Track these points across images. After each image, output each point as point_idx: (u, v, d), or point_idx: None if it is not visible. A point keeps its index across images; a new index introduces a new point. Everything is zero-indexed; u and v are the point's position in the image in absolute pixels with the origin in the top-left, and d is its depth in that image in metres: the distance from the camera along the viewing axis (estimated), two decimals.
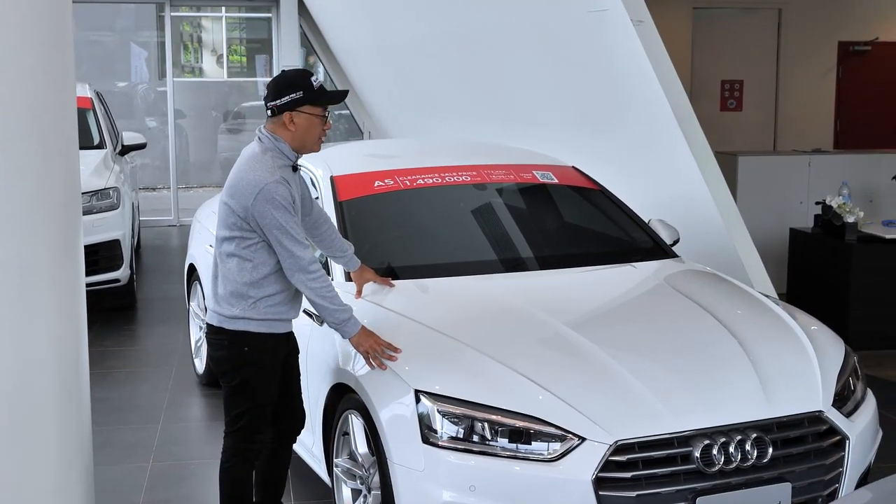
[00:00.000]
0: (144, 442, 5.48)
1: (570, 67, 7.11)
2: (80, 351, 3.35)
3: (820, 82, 11.54)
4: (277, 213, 3.68)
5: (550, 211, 5.22)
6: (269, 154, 3.78)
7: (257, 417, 3.92)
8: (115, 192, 8.19)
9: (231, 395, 3.92)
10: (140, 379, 6.66)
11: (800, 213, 8.78)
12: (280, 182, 3.71)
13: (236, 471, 3.96)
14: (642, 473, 3.38)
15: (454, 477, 3.44)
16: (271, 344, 3.90)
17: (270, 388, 3.94)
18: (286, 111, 3.77)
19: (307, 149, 3.87)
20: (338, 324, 3.80)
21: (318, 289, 3.75)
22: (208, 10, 17.52)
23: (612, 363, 3.67)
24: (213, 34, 18.36)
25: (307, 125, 3.79)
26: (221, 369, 3.94)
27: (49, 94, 3.04)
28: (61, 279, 3.15)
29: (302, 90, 3.76)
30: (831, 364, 3.90)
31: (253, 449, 3.95)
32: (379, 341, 3.80)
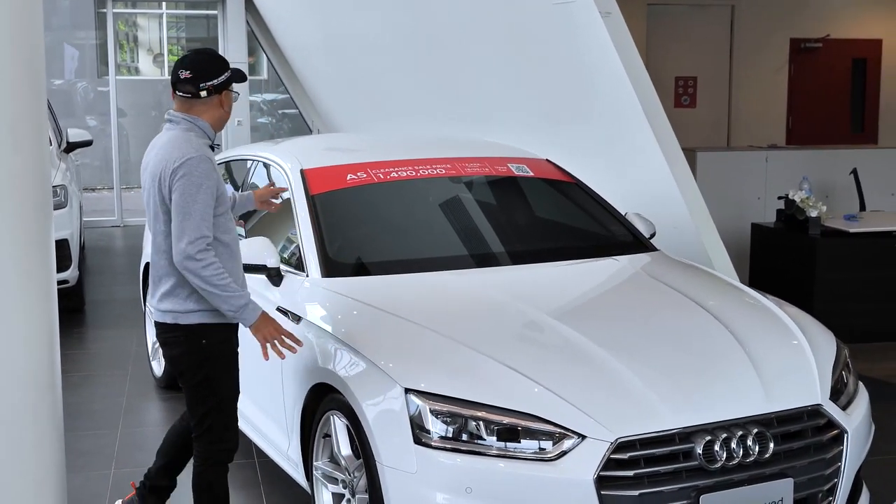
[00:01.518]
0: (104, 449, 5.25)
1: (536, 62, 6.99)
2: (52, 352, 3.15)
3: (772, 79, 11.60)
4: (193, 189, 3.53)
5: (528, 204, 5.09)
6: (191, 133, 3.68)
7: (224, 413, 3.78)
8: (63, 190, 7.92)
9: (194, 394, 3.76)
10: (94, 383, 6.42)
11: (758, 208, 8.79)
12: (203, 159, 3.58)
13: (210, 474, 3.79)
14: (644, 471, 3.26)
15: (449, 478, 3.29)
16: (227, 334, 3.75)
17: (232, 379, 3.81)
18: (223, 90, 3.73)
19: (222, 126, 3.82)
20: (235, 311, 3.59)
21: (208, 277, 3.52)
22: (149, 7, 17.17)
23: (608, 358, 3.54)
24: (152, 33, 18.02)
25: (229, 104, 3.80)
26: (180, 367, 3.77)
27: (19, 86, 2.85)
28: (32, 277, 2.96)
29: (228, 69, 3.77)
30: (825, 357, 3.83)
31: (225, 448, 3.80)
32: (279, 328, 3.67)
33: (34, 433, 2.98)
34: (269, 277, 4.39)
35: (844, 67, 11.96)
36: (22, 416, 2.91)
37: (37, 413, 3.00)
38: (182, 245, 3.50)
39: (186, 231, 3.50)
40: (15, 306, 2.86)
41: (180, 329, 3.69)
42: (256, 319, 3.62)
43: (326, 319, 4.03)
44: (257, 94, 17.09)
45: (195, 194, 3.52)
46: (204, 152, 3.61)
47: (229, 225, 3.72)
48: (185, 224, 3.51)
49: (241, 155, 5.68)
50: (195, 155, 3.57)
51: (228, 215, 3.74)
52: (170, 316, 3.70)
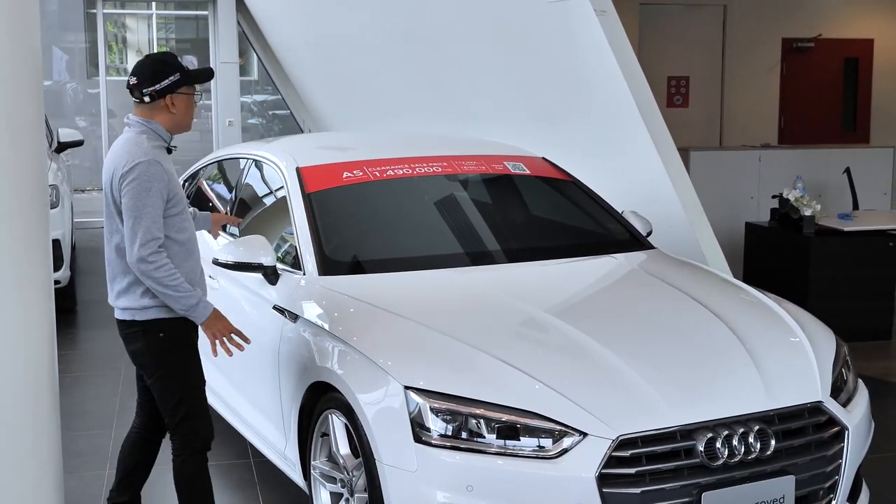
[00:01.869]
0: (99, 449, 5.21)
1: (530, 60, 6.97)
2: (50, 351, 3.12)
3: (764, 78, 11.61)
4: (142, 193, 3.60)
5: (525, 202, 5.07)
6: (143, 136, 3.73)
7: (194, 403, 3.81)
8: (55, 190, 7.87)
9: (160, 387, 3.81)
10: (87, 384, 6.38)
11: (751, 207, 8.80)
12: (152, 163, 3.64)
13: (191, 467, 3.82)
14: (646, 469, 3.24)
15: (449, 477, 3.26)
16: (184, 326, 3.78)
17: (196, 369, 3.84)
18: (167, 94, 3.75)
19: (182, 129, 3.86)
20: (187, 309, 3.67)
21: (161, 278, 3.60)
22: (140, 8, 17.11)
23: (609, 355, 3.52)
24: (141, 34, 17.95)
25: (185, 106, 3.80)
26: (141, 362, 3.84)
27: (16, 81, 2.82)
28: (30, 276, 2.92)
29: (178, 72, 3.77)
30: (825, 354, 3.81)
31: (201, 437, 3.82)
32: (229, 326, 3.74)
33: (32, 433, 2.95)
34: (265, 276, 4.36)
35: (836, 67, 11.98)
36: (20, 416, 2.88)
37: (35, 413, 2.96)
38: (135, 248, 3.59)
39: (138, 234, 3.58)
40: (13, 305, 2.83)
41: (137, 325, 3.75)
42: (207, 317, 3.70)
43: (324, 317, 4.00)
44: (247, 96, 17.04)
45: (144, 198, 3.60)
46: (154, 156, 3.67)
47: (184, 224, 3.78)
48: (136, 227, 3.59)
49: (235, 154, 5.65)
50: (143, 159, 3.64)
51: (184, 215, 3.79)
52: (127, 313, 3.77)
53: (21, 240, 2.89)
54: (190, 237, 3.81)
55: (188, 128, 3.87)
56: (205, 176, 5.93)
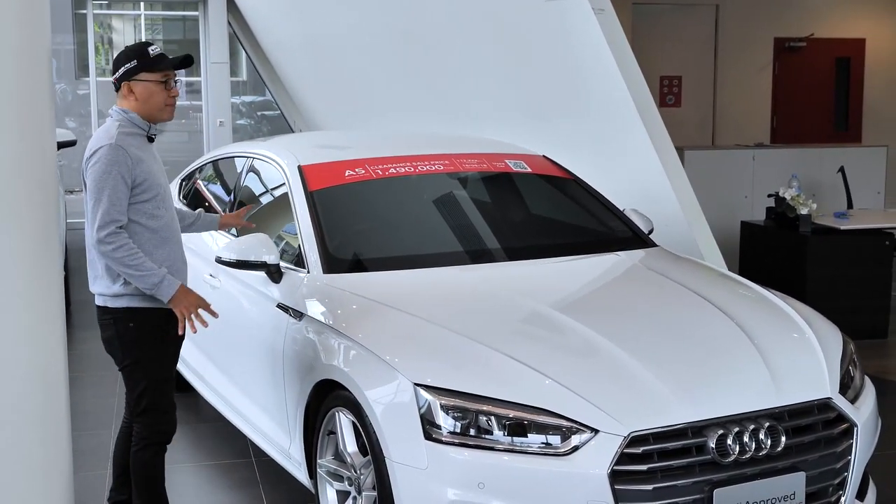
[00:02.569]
0: (98, 449, 5.18)
1: (527, 58, 6.96)
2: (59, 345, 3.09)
3: (757, 78, 11.63)
4: (102, 175, 3.63)
5: (527, 200, 5.06)
6: (115, 124, 3.76)
7: (158, 395, 3.82)
8: None
9: (127, 376, 3.84)
10: (84, 384, 6.34)
11: (745, 206, 8.81)
12: (115, 147, 3.66)
13: (147, 454, 3.85)
14: (658, 466, 3.23)
15: (460, 474, 3.25)
16: (157, 318, 3.76)
17: (164, 363, 3.85)
18: (124, 81, 3.78)
19: (155, 117, 3.82)
20: (150, 288, 3.66)
21: (121, 258, 3.62)
22: (131, 9, 17.05)
23: (618, 352, 3.51)
24: (128, 35, 17.88)
25: (147, 92, 3.77)
26: (111, 349, 3.87)
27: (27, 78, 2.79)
28: (40, 268, 2.90)
29: (135, 59, 3.78)
30: (833, 351, 3.81)
31: (161, 430, 3.85)
32: (196, 300, 3.72)
33: (41, 429, 2.92)
34: (268, 274, 4.34)
35: (828, 66, 12.01)
36: (29, 411, 2.85)
37: (44, 408, 2.93)
38: (94, 229, 3.63)
39: (97, 216, 3.62)
40: (23, 301, 2.80)
41: (110, 312, 3.78)
42: (174, 294, 3.67)
43: (329, 315, 3.98)
44: (236, 97, 16.99)
45: (105, 180, 3.62)
46: (120, 141, 3.68)
47: (157, 212, 3.77)
48: (95, 209, 3.63)
49: (233, 153, 5.63)
50: (106, 143, 3.67)
51: (158, 202, 3.77)
52: (101, 299, 3.81)
53: (31, 236, 2.86)
54: (164, 225, 3.80)
55: (161, 115, 3.81)
56: (203, 175, 5.90)
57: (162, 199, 3.80)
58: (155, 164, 3.81)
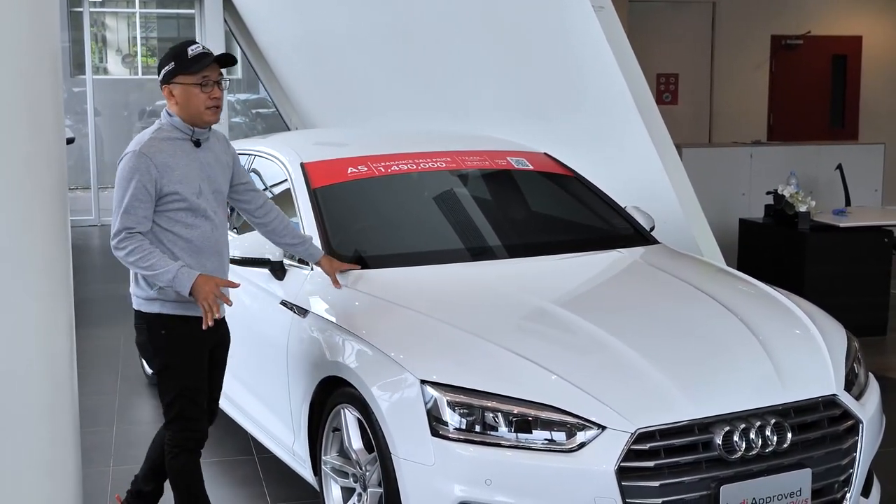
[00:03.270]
0: (101, 446, 5.17)
1: (526, 56, 6.95)
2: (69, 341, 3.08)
3: (753, 75, 11.64)
4: (122, 183, 3.60)
5: (529, 197, 5.06)
6: (155, 128, 3.71)
7: (189, 403, 3.76)
8: None
9: (159, 381, 3.81)
10: (85, 381, 6.21)
11: (742, 204, 8.81)
12: (139, 154, 3.59)
13: (180, 461, 3.80)
14: (664, 462, 3.23)
15: (467, 470, 3.25)
16: (190, 327, 3.69)
17: (194, 372, 3.76)
18: (165, 85, 3.71)
19: (196, 120, 3.70)
20: (168, 285, 3.59)
21: (135, 261, 3.58)
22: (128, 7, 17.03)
23: (624, 348, 3.51)
24: (121, 33, 17.85)
25: (185, 95, 3.68)
26: (145, 355, 3.87)
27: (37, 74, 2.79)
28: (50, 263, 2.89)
29: (174, 61, 3.69)
30: (838, 347, 3.82)
31: (192, 438, 3.80)
32: (214, 287, 3.60)
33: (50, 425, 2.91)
34: (272, 271, 4.35)
35: (825, 64, 12.03)
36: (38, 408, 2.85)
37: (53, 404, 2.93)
38: (111, 237, 3.61)
39: (115, 223, 3.60)
40: (33, 296, 2.79)
41: (143, 317, 3.75)
42: (193, 284, 3.58)
43: (333, 312, 3.98)
44: (231, 94, 16.98)
45: (125, 188, 3.59)
46: (146, 149, 3.60)
47: (191, 221, 3.68)
48: (113, 217, 3.61)
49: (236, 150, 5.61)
50: (131, 150, 3.63)
51: (192, 212, 3.67)
52: (136, 302, 3.78)
53: (42, 234, 2.85)
54: (200, 235, 3.69)
55: (206, 118, 3.69)
56: None
57: (199, 209, 3.67)
58: (199, 171, 3.68)
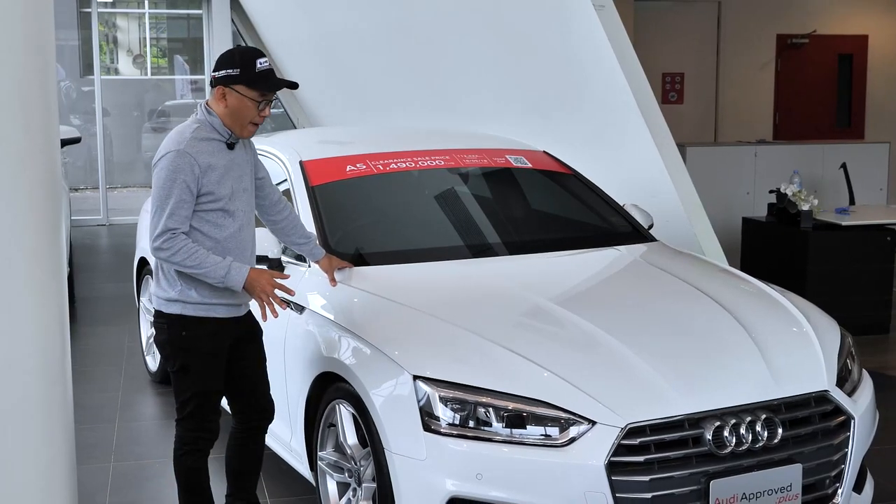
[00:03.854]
0: (102, 442, 5.21)
1: (526, 55, 6.98)
2: (63, 340, 3.11)
3: (759, 75, 11.63)
4: (167, 183, 3.54)
5: (528, 195, 5.09)
6: (194, 126, 3.65)
7: (203, 404, 3.77)
8: None
9: (175, 380, 3.80)
10: (88, 379, 6.36)
11: (746, 202, 8.82)
12: (183, 153, 3.56)
13: (189, 460, 3.81)
14: (655, 457, 3.26)
15: (459, 465, 3.28)
16: (210, 329, 3.71)
17: (212, 374, 3.77)
18: (220, 85, 3.64)
19: (236, 129, 3.68)
20: (220, 281, 3.59)
21: (181, 262, 3.56)
22: (135, 7, 17.11)
23: (616, 344, 3.54)
24: (132, 33, 17.93)
25: (238, 105, 3.64)
26: (164, 353, 3.84)
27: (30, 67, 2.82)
28: (43, 263, 2.92)
29: (240, 68, 3.61)
30: (830, 344, 3.83)
31: (203, 437, 3.81)
32: (269, 281, 3.63)
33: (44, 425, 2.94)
34: (270, 268, 4.36)
35: (831, 63, 12.02)
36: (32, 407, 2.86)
37: (47, 403, 2.95)
38: (153, 238, 3.57)
39: (157, 224, 3.56)
40: (25, 295, 2.82)
41: (164, 317, 3.74)
42: (245, 280, 3.60)
43: (329, 309, 4.02)
44: None
45: (169, 188, 3.55)
46: (189, 148, 3.57)
47: (222, 221, 3.67)
48: (156, 217, 3.57)
49: None
50: (174, 149, 3.58)
51: (224, 212, 3.66)
52: (157, 302, 3.77)
53: (36, 232, 2.87)
54: (230, 236, 3.68)
55: (243, 133, 3.68)
56: None
57: (230, 209, 3.67)
58: (231, 171, 3.68)
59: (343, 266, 4.16)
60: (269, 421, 4.00)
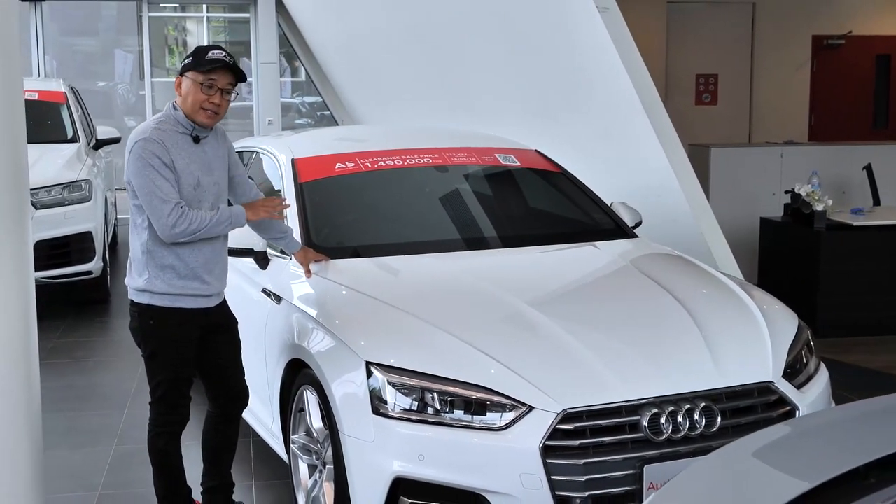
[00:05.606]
0: (108, 427, 5.47)
1: (534, 56, 7.13)
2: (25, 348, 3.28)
3: (794, 76, 11.59)
4: (146, 170, 3.74)
5: (511, 192, 5.24)
6: (157, 120, 3.87)
7: (172, 389, 3.97)
8: (87, 184, 8.19)
9: (147, 365, 4.02)
10: (108, 368, 6.65)
11: (772, 203, 8.82)
12: (149, 140, 3.76)
13: (160, 441, 4.01)
14: (590, 441, 3.39)
15: (404, 447, 3.44)
16: (177, 319, 3.90)
17: (180, 362, 3.96)
18: (178, 76, 3.91)
19: (192, 116, 3.86)
20: (229, 225, 3.93)
21: (196, 231, 3.78)
22: (188, 11, 17.51)
23: (564, 335, 3.67)
24: (194, 36, 18.35)
25: (188, 90, 3.86)
26: (136, 340, 4.06)
27: None
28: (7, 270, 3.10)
29: (192, 57, 3.88)
30: (782, 337, 3.91)
31: (172, 420, 4.00)
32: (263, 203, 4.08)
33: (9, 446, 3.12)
34: (256, 261, 4.58)
35: (867, 64, 11.92)
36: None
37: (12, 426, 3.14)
38: (164, 222, 3.74)
39: (161, 211, 3.73)
40: None
41: (135, 306, 3.95)
42: (247, 216, 3.99)
43: (303, 300, 4.21)
44: (297, 97, 17.38)
45: (149, 174, 3.74)
46: (150, 134, 3.77)
47: None
48: (150, 201, 3.75)
49: (244, 147, 5.87)
50: (141, 137, 3.79)
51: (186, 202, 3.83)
52: (129, 291, 3.98)
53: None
54: None
55: (196, 116, 3.83)
56: None
57: (192, 199, 3.83)
58: (195, 163, 3.84)
59: (319, 259, 4.35)
60: (242, 407, 4.21)
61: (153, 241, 3.84)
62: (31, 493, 3.28)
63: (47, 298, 8.53)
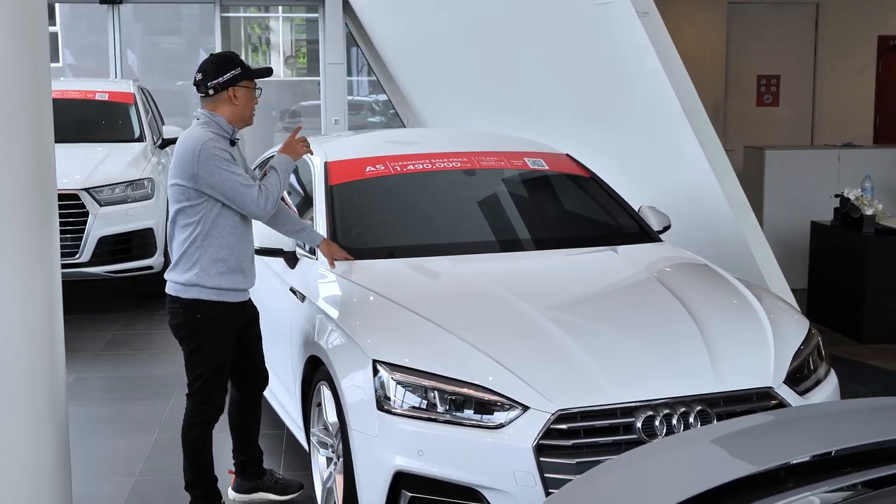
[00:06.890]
0: (153, 416, 5.71)
1: (578, 62, 7.21)
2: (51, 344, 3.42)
3: (858, 77, 11.42)
4: (222, 165, 4.04)
5: (537, 196, 5.34)
6: (205, 127, 4.14)
7: (212, 381, 4.23)
8: (150, 182, 8.50)
9: (188, 360, 4.26)
10: (162, 360, 6.90)
11: (828, 207, 8.73)
12: (215, 139, 4.08)
13: (195, 431, 4.26)
14: (583, 442, 3.50)
15: (406, 442, 3.59)
16: (223, 312, 4.17)
17: (223, 353, 4.24)
18: (229, 87, 4.15)
19: (245, 121, 4.25)
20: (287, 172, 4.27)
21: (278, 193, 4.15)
22: (260, 11, 17.88)
23: (566, 338, 3.78)
24: (270, 35, 18.71)
25: (246, 98, 4.20)
26: (178, 335, 4.28)
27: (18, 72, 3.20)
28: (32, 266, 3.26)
29: (239, 67, 4.18)
30: (788, 343, 3.96)
31: (209, 411, 4.25)
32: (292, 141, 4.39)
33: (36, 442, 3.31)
34: (286, 260, 4.77)
35: None
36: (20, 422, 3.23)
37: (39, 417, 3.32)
38: (257, 203, 4.09)
39: (246, 193, 4.07)
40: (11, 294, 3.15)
41: (179, 302, 4.16)
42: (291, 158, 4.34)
43: (325, 300, 4.38)
44: (371, 95, 17.66)
45: (226, 167, 4.06)
46: (212, 138, 4.08)
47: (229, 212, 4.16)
48: (237, 190, 4.07)
49: None
50: (205, 139, 4.08)
51: None
52: (172, 287, 4.19)
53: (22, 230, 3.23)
54: (242, 221, 4.21)
55: (250, 120, 4.26)
56: None
57: None
58: (238, 160, 4.21)
59: (342, 254, 4.52)
60: (265, 388, 4.57)
61: (204, 237, 4.11)
62: (56, 482, 3.48)
63: (110, 292, 8.90)
